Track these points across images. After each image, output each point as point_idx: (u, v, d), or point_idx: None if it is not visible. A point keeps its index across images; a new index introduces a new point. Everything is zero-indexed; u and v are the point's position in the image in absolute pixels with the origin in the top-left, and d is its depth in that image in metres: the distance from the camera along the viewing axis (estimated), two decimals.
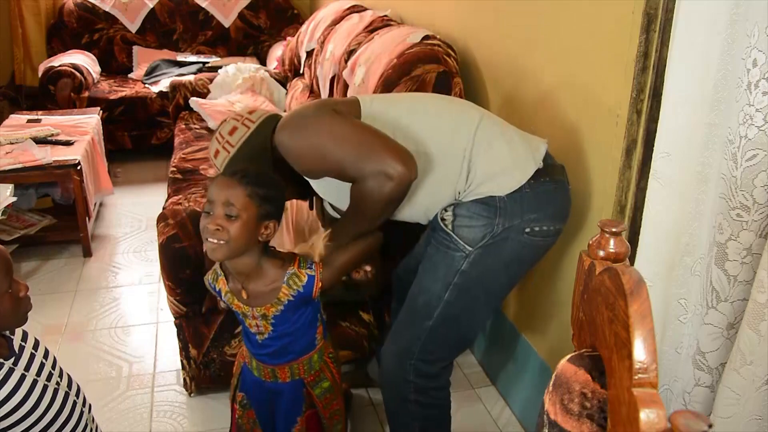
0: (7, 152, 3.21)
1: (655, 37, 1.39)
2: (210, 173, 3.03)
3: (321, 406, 1.73)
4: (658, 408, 0.71)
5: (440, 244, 1.63)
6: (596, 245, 0.96)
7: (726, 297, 1.18)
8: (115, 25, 4.98)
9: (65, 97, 4.24)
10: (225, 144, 1.68)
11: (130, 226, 3.66)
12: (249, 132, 1.67)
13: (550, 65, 1.90)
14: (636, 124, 1.48)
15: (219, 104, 3.82)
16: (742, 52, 1.09)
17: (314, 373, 1.70)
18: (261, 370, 1.69)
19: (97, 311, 2.87)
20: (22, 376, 1.28)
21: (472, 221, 1.58)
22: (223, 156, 1.68)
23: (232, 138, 1.68)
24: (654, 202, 1.28)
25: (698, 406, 1.26)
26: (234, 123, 1.70)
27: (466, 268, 1.59)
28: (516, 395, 2.28)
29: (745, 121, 1.09)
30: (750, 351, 1.04)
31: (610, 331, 0.84)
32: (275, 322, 1.59)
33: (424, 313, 1.66)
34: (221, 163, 1.68)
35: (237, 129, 1.68)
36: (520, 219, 1.57)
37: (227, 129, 1.69)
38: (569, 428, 0.86)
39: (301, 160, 1.63)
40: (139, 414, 2.28)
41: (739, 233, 1.13)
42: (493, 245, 1.58)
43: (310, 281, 1.56)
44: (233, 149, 1.66)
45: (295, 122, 1.63)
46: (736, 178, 1.12)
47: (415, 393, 1.72)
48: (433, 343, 1.68)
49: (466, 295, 1.63)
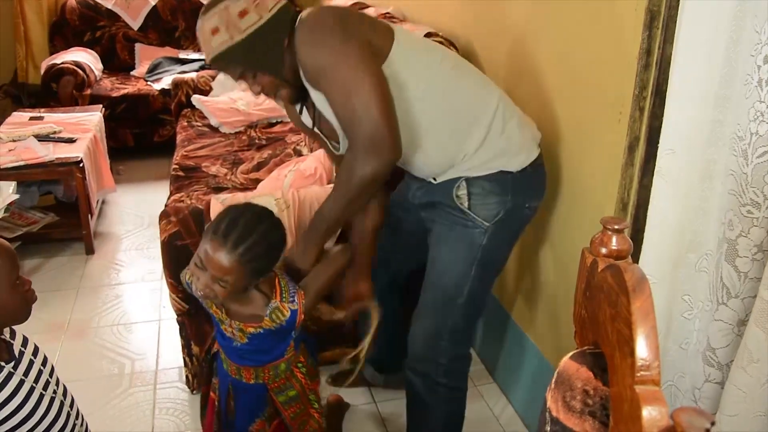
0: (9, 150, 3.21)
1: (658, 33, 1.38)
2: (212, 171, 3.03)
3: (287, 415, 1.71)
4: (660, 405, 0.71)
5: (455, 223, 1.68)
6: (599, 242, 0.96)
7: (737, 293, 1.18)
8: (118, 23, 4.97)
9: (67, 94, 4.24)
10: (230, 26, 1.46)
11: (133, 223, 3.66)
12: (263, 21, 1.48)
13: (552, 62, 1.90)
14: (638, 121, 1.48)
15: (221, 102, 3.82)
16: (751, 49, 1.09)
17: (279, 380, 1.68)
18: (228, 365, 1.69)
19: (100, 308, 2.88)
20: (20, 381, 1.28)
21: (487, 198, 1.64)
22: (222, 40, 1.47)
23: (242, 22, 1.46)
24: (658, 198, 1.28)
25: (708, 402, 1.26)
26: (245, 4, 1.46)
27: (486, 243, 1.66)
28: (518, 392, 2.28)
29: (756, 117, 1.09)
30: (757, 349, 1.04)
31: (612, 328, 0.84)
32: (251, 338, 1.59)
33: (454, 292, 1.70)
34: (219, 46, 1.48)
35: (248, 14, 1.46)
36: (524, 196, 1.68)
37: (237, 9, 1.46)
38: (571, 425, 0.86)
39: (309, 73, 1.53)
40: (142, 411, 2.28)
41: (750, 230, 1.13)
42: (506, 220, 1.67)
43: (292, 316, 1.57)
44: (239, 36, 1.47)
45: (320, 38, 1.50)
46: (746, 175, 1.12)
47: (444, 376, 1.77)
48: (463, 320, 1.74)
49: (488, 269, 1.72)
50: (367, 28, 1.56)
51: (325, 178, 2.56)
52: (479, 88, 1.68)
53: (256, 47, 1.49)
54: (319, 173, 2.56)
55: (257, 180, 2.86)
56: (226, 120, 3.66)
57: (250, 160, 3.20)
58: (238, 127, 3.65)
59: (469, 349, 1.84)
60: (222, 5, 1.46)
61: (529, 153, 1.68)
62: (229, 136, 3.57)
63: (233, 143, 3.47)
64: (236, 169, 3.07)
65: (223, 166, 3.08)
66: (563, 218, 1.91)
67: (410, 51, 1.59)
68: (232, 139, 3.53)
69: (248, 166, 3.11)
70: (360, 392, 2.35)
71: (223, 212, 1.52)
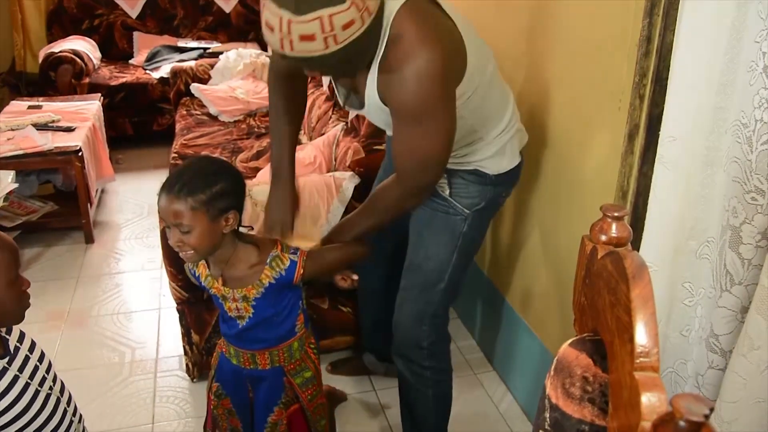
0: (8, 138, 3.21)
1: (659, 21, 1.38)
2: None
3: (305, 397, 1.72)
4: (659, 392, 0.71)
5: (437, 209, 1.72)
6: (598, 230, 0.96)
7: (740, 280, 1.18)
8: (116, 11, 4.95)
9: (66, 83, 4.23)
10: (329, 36, 1.24)
11: (132, 212, 3.66)
12: (363, 28, 1.29)
13: (552, 50, 1.89)
14: (638, 109, 1.47)
15: (220, 90, 3.81)
16: (756, 35, 1.08)
17: (295, 361, 1.69)
18: (240, 357, 1.68)
19: (100, 297, 2.88)
20: (15, 377, 1.26)
21: (469, 188, 1.69)
22: (314, 48, 1.26)
23: (344, 33, 1.26)
24: (660, 186, 1.28)
25: (711, 388, 1.26)
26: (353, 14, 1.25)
27: (467, 230, 1.71)
28: (517, 380, 2.29)
29: (761, 104, 1.09)
30: (757, 336, 1.04)
31: (611, 315, 0.84)
32: (256, 304, 1.59)
33: (436, 277, 1.74)
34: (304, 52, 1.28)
35: (354, 23, 1.26)
36: (501, 187, 1.73)
37: (343, 20, 1.24)
38: (570, 412, 0.86)
39: (390, 103, 1.44)
40: (142, 399, 2.29)
41: (754, 216, 1.13)
42: (484, 208, 1.72)
43: (292, 266, 1.57)
44: (335, 46, 1.27)
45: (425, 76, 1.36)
46: (751, 162, 1.12)
47: (428, 359, 1.82)
48: (443, 305, 1.79)
49: (467, 254, 1.77)
50: (459, 66, 1.46)
51: (324, 166, 2.56)
52: (503, 101, 1.69)
53: (350, 56, 1.33)
54: (319, 161, 2.56)
55: (257, 168, 2.86)
56: (225, 108, 3.66)
57: (250, 148, 3.19)
58: (237, 115, 3.65)
59: (447, 331, 1.88)
60: (325, 12, 1.23)
61: (511, 160, 1.71)
62: (228, 125, 3.56)
63: (232, 132, 3.46)
64: (235, 158, 3.07)
65: (222, 155, 3.08)
66: (563, 206, 1.91)
67: (471, 79, 1.51)
68: (232, 127, 3.53)
69: (247, 155, 3.11)
70: (360, 380, 2.36)
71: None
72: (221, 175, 1.49)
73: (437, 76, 1.37)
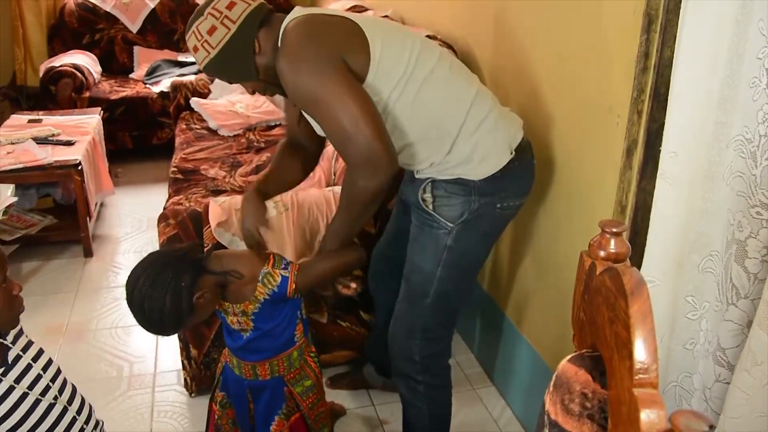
0: (8, 152, 3.21)
1: (656, 37, 1.39)
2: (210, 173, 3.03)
3: (306, 406, 1.73)
4: (658, 408, 0.71)
5: (423, 224, 1.71)
6: (597, 245, 0.96)
7: (746, 294, 1.19)
8: (116, 26, 4.97)
9: (66, 97, 4.24)
10: (204, 44, 1.58)
11: (131, 226, 3.66)
12: (230, 34, 1.57)
13: (550, 65, 1.90)
14: (636, 125, 1.48)
15: (220, 104, 3.82)
16: (758, 51, 1.09)
17: (294, 370, 1.71)
18: (241, 368, 1.70)
19: (99, 311, 2.87)
20: (10, 387, 1.26)
21: (451, 200, 1.66)
22: (203, 55, 1.60)
23: (212, 39, 1.57)
24: (661, 201, 1.29)
25: (718, 402, 1.25)
26: (212, 21, 1.57)
27: (451, 243, 1.68)
28: (516, 395, 2.28)
29: (765, 120, 1.09)
30: (760, 351, 1.04)
31: (610, 331, 0.84)
32: (255, 318, 1.62)
33: (421, 292, 1.74)
34: (202, 62, 1.62)
35: (216, 30, 1.57)
36: (493, 196, 1.67)
37: (206, 27, 1.57)
38: (570, 428, 0.86)
39: (295, 100, 1.61)
40: (140, 414, 2.28)
41: (759, 231, 1.14)
42: (472, 220, 1.67)
43: (283, 281, 1.59)
44: (213, 51, 1.58)
45: (297, 68, 1.52)
46: (755, 177, 1.13)
47: (421, 374, 1.80)
48: (433, 319, 1.76)
49: (455, 268, 1.72)
50: (343, 46, 1.55)
51: (324, 180, 2.56)
52: (450, 97, 1.64)
53: (229, 59, 1.59)
54: (318, 176, 2.57)
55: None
56: (225, 123, 3.66)
57: (249, 162, 3.20)
58: (237, 129, 3.66)
59: (446, 347, 1.86)
60: (194, 26, 1.58)
61: (499, 159, 1.65)
62: (227, 139, 3.57)
63: (232, 146, 3.47)
64: (235, 172, 3.08)
65: (221, 169, 3.09)
66: (561, 221, 1.91)
67: (386, 67, 1.56)
68: (231, 141, 3.53)
69: (247, 169, 3.11)
70: (359, 395, 2.35)
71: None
72: (165, 310, 1.49)
73: (305, 54, 1.51)
